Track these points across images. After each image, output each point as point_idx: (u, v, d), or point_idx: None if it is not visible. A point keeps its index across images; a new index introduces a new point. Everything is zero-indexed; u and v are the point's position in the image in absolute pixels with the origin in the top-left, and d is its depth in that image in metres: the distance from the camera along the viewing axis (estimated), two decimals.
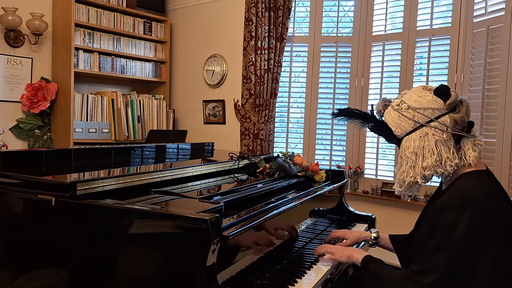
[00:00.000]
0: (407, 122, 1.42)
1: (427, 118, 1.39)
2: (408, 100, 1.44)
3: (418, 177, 1.40)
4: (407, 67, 3.26)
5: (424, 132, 1.39)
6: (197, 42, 4.09)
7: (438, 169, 1.38)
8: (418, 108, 1.41)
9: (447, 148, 1.38)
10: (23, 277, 1.36)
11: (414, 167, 1.41)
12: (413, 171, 1.41)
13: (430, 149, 1.38)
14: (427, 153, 1.38)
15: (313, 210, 2.08)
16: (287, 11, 3.45)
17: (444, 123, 1.38)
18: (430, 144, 1.38)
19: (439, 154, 1.37)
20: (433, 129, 1.38)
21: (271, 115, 3.55)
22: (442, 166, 1.38)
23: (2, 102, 3.38)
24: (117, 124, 3.76)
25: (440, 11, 3.18)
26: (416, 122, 1.40)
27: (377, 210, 3.27)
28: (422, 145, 1.39)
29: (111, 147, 2.01)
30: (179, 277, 1.12)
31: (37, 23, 3.36)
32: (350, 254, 1.58)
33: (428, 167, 1.38)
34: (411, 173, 1.42)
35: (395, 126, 1.46)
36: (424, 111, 1.40)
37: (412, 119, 1.41)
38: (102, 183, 1.31)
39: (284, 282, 1.44)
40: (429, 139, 1.38)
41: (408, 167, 1.42)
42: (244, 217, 1.33)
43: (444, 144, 1.38)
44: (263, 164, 2.15)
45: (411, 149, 1.41)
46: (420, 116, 1.40)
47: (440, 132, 1.38)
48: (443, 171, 1.38)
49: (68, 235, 1.28)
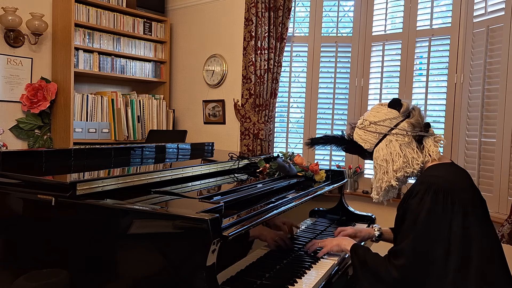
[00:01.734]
0: (372, 136, 1.61)
1: (388, 127, 1.58)
2: (368, 117, 1.64)
3: (392, 180, 1.56)
4: (407, 67, 3.26)
5: (388, 140, 1.58)
6: (197, 42, 4.09)
7: (407, 169, 1.55)
8: (378, 121, 1.60)
9: (411, 149, 1.55)
10: (23, 277, 1.36)
11: (387, 172, 1.58)
12: (387, 176, 1.58)
13: (396, 153, 1.55)
14: (395, 157, 1.55)
15: (313, 210, 2.08)
16: (287, 11, 3.45)
17: (403, 128, 1.57)
18: (396, 149, 1.56)
19: (405, 156, 1.55)
20: (395, 136, 1.57)
21: (271, 115, 3.55)
22: (410, 165, 1.54)
23: (2, 102, 3.38)
24: (117, 124, 3.76)
25: (440, 11, 3.18)
26: (379, 133, 1.60)
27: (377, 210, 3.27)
28: (389, 152, 1.57)
29: (111, 147, 2.01)
30: (179, 277, 1.12)
31: (37, 23, 3.36)
32: (338, 242, 1.70)
33: (398, 169, 1.55)
34: (385, 178, 1.58)
35: (363, 142, 1.64)
36: (384, 122, 1.59)
37: (375, 132, 1.60)
38: (102, 183, 1.31)
39: (284, 282, 1.44)
40: (394, 145, 1.56)
41: (381, 173, 1.59)
42: (244, 217, 1.33)
43: (408, 146, 1.55)
44: (263, 164, 2.15)
45: (381, 157, 1.58)
46: (381, 127, 1.59)
47: (402, 137, 1.56)
48: (412, 170, 1.54)
49: (68, 235, 1.28)
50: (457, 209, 1.37)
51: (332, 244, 1.71)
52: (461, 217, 1.37)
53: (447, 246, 1.36)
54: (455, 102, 3.04)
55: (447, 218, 1.37)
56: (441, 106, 3.11)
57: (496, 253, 1.41)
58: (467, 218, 1.37)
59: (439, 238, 1.36)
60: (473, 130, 2.90)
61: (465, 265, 1.35)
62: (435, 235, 1.37)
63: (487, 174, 2.79)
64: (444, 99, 3.09)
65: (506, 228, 2.15)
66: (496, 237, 1.45)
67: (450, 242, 1.36)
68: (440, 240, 1.36)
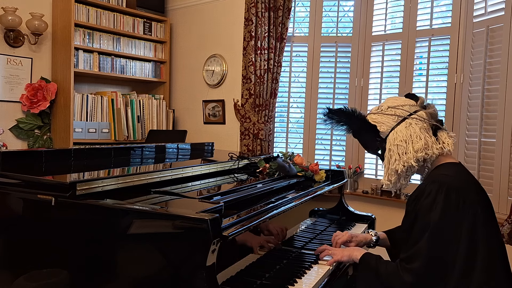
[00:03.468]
0: (390, 118, 1.57)
1: (407, 112, 1.56)
2: (385, 103, 1.62)
3: (411, 161, 1.50)
4: (407, 67, 3.26)
5: (408, 122, 1.54)
6: (197, 42, 4.09)
7: (427, 151, 1.50)
8: (397, 105, 1.58)
9: (429, 135, 1.53)
10: (23, 277, 1.36)
11: (406, 153, 1.52)
12: (406, 155, 1.52)
13: (417, 135, 1.51)
14: (416, 138, 1.51)
15: (313, 210, 2.08)
16: (287, 11, 3.45)
17: (421, 116, 1.55)
18: (416, 132, 1.52)
19: (425, 139, 1.51)
20: (415, 120, 1.54)
21: (271, 115, 3.55)
22: (430, 148, 1.50)
23: (1, 102, 3.37)
24: (116, 124, 3.76)
25: (440, 11, 3.18)
26: (398, 116, 1.56)
27: (377, 210, 3.27)
28: (409, 133, 1.52)
29: (111, 147, 2.01)
30: (179, 277, 1.12)
31: (37, 23, 3.36)
32: (349, 253, 1.64)
33: (419, 149, 1.49)
34: (404, 158, 1.52)
35: (379, 124, 1.58)
36: (403, 107, 1.57)
37: (394, 115, 1.57)
38: (102, 183, 1.31)
39: (284, 282, 1.44)
40: (414, 128, 1.53)
41: (400, 154, 1.53)
42: (244, 217, 1.33)
43: (426, 131, 1.53)
44: (263, 164, 2.15)
45: (400, 138, 1.53)
46: (401, 111, 1.57)
47: (421, 122, 1.54)
48: (432, 154, 1.50)
49: (68, 235, 1.28)
50: (467, 209, 1.36)
51: (343, 255, 1.65)
52: (471, 218, 1.35)
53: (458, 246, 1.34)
54: (455, 102, 3.04)
55: (459, 218, 1.35)
56: (441, 106, 3.11)
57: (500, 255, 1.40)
58: (476, 219, 1.35)
59: (453, 239, 1.34)
60: (473, 130, 2.90)
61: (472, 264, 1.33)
62: (449, 236, 1.35)
63: (487, 174, 2.79)
64: (444, 99, 3.09)
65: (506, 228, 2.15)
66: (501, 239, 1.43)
67: (460, 242, 1.34)
68: (453, 241, 1.34)
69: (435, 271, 1.35)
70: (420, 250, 1.36)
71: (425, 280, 1.36)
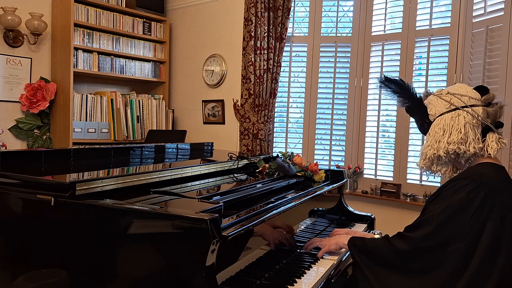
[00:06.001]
0: (443, 104, 1.51)
1: (463, 103, 1.48)
2: (449, 88, 1.55)
3: (441, 151, 1.47)
4: (407, 67, 3.26)
5: (457, 113, 1.48)
6: (196, 42, 4.09)
7: (461, 146, 1.44)
8: (457, 93, 1.51)
9: (474, 133, 1.45)
10: (22, 277, 1.36)
11: (440, 141, 1.48)
12: (437, 145, 1.48)
13: (458, 128, 1.46)
14: (455, 131, 1.46)
15: (312, 210, 2.08)
16: (287, 11, 3.45)
17: (476, 112, 1.47)
18: (460, 125, 1.46)
19: (465, 134, 1.45)
20: (466, 113, 1.47)
21: (270, 115, 3.55)
22: (466, 145, 1.44)
23: (1, 102, 3.37)
24: (116, 124, 3.76)
25: (439, 11, 3.19)
26: (451, 104, 1.50)
27: (377, 210, 3.27)
28: (451, 124, 1.47)
29: (110, 147, 2.01)
30: (178, 277, 1.12)
31: (36, 23, 3.35)
32: (336, 241, 1.68)
33: (453, 142, 1.45)
34: (435, 146, 1.49)
35: (431, 106, 1.55)
36: (461, 97, 1.49)
37: (448, 102, 1.50)
38: (101, 183, 1.31)
39: (284, 282, 1.44)
40: (460, 120, 1.46)
41: (433, 141, 1.50)
42: (244, 217, 1.33)
43: (472, 128, 1.45)
44: (262, 164, 2.15)
45: (440, 126, 1.49)
46: (456, 100, 1.50)
47: (471, 117, 1.46)
48: (466, 150, 1.44)
49: (67, 235, 1.28)
50: (495, 212, 1.31)
51: (330, 243, 1.70)
52: (498, 222, 1.30)
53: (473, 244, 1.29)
54: None
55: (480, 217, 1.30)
56: None
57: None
58: (503, 224, 1.31)
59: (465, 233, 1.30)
60: None
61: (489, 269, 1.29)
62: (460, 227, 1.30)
63: None
64: None
65: None
66: None
67: (479, 242, 1.29)
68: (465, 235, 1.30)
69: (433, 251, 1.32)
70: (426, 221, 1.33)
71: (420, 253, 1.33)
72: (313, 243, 1.76)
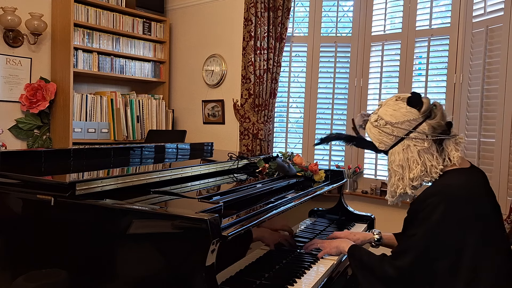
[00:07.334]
0: (388, 137, 1.48)
1: (406, 130, 1.45)
2: (384, 115, 1.49)
3: (407, 188, 1.46)
4: (406, 67, 3.26)
5: (406, 144, 1.45)
6: (196, 42, 4.09)
7: (425, 178, 1.44)
8: (395, 122, 1.46)
9: (431, 155, 1.43)
10: (22, 277, 1.36)
11: (403, 179, 1.47)
12: (402, 183, 1.47)
13: (414, 160, 1.43)
14: (412, 164, 1.44)
15: (312, 210, 2.08)
16: (286, 11, 3.45)
17: (423, 131, 1.43)
18: (414, 155, 1.43)
19: (423, 164, 1.43)
20: (414, 140, 1.44)
21: (270, 115, 3.55)
22: (428, 174, 1.43)
23: (1, 102, 3.37)
24: (116, 124, 3.76)
25: (439, 11, 3.18)
26: (396, 136, 1.46)
27: (376, 210, 3.27)
28: (406, 157, 1.45)
29: (110, 147, 2.01)
30: (178, 277, 1.12)
31: (36, 23, 3.35)
32: (337, 245, 1.69)
33: (415, 178, 1.44)
34: (400, 185, 1.47)
35: (378, 142, 1.52)
36: (401, 125, 1.45)
37: (391, 134, 1.47)
38: (101, 183, 1.31)
39: (284, 282, 1.44)
40: (412, 150, 1.44)
41: (396, 179, 1.48)
42: (244, 217, 1.33)
43: (427, 152, 1.43)
44: (262, 164, 2.15)
45: (396, 162, 1.47)
46: (398, 130, 1.46)
47: (421, 141, 1.43)
48: (430, 179, 1.44)
49: (67, 235, 1.28)
50: (473, 222, 1.31)
51: (331, 246, 1.70)
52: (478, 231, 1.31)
53: (457, 258, 1.30)
54: (454, 102, 3.04)
55: (460, 230, 1.31)
56: None
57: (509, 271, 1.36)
58: (483, 232, 1.32)
59: (448, 249, 1.31)
60: (473, 130, 2.90)
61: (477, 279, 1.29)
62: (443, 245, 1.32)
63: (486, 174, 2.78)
64: (444, 99, 3.09)
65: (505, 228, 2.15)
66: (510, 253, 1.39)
67: (462, 254, 1.30)
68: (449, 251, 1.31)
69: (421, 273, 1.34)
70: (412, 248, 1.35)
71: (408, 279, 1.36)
72: (313, 244, 1.77)
